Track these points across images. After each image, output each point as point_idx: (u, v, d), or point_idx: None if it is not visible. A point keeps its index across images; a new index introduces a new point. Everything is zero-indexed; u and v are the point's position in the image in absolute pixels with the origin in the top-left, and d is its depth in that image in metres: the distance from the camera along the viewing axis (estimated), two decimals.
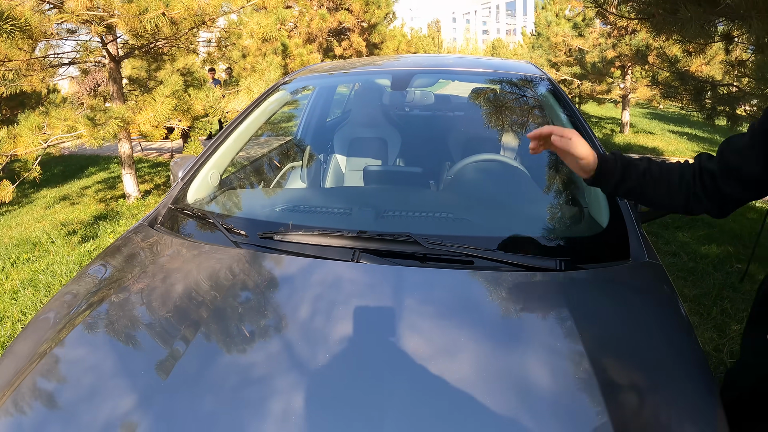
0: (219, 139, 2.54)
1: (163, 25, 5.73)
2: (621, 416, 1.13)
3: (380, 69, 3.10)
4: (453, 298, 1.51)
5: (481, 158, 2.51)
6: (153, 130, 6.72)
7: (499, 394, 1.17)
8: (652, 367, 1.29)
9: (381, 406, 1.14)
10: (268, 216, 2.12)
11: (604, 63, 15.54)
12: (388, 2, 13.87)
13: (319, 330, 1.37)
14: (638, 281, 1.64)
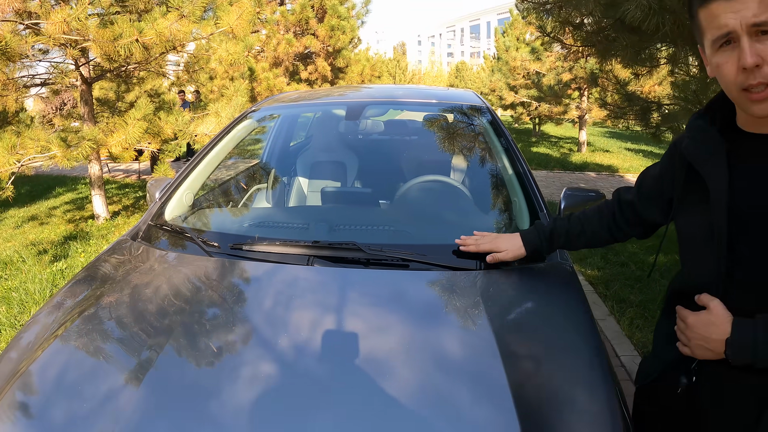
0: (192, 163, 2.83)
1: (135, 50, 5.95)
2: (519, 380, 1.40)
3: (337, 100, 3.42)
4: (389, 293, 1.83)
5: (423, 179, 2.85)
6: (123, 152, 6.90)
7: (422, 363, 1.46)
8: (550, 346, 1.59)
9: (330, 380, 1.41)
10: (237, 230, 2.44)
11: (560, 85, 16.13)
12: (353, 27, 14.16)
13: (278, 319, 1.67)
14: (548, 279, 1.96)
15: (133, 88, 9.48)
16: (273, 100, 3.47)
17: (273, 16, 13.45)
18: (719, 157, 1.38)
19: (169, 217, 2.49)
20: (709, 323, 1.37)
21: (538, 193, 2.45)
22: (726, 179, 1.36)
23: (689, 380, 1.47)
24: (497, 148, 2.80)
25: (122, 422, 1.29)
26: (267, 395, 1.36)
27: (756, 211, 1.32)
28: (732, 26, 1.20)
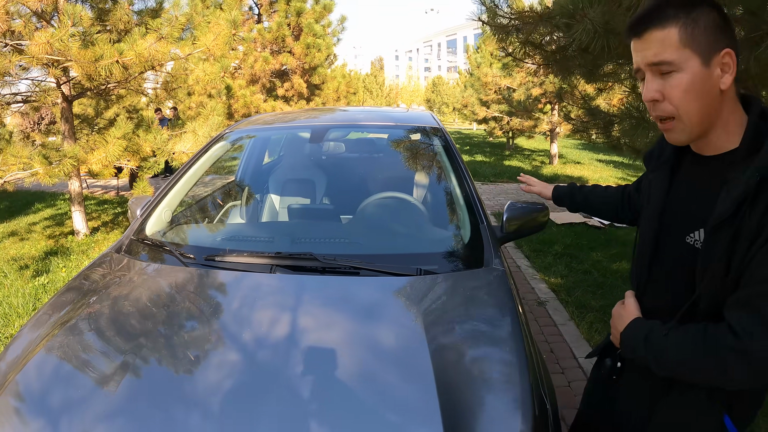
0: (171, 182, 3.11)
1: (115, 70, 6.16)
2: (442, 365, 1.66)
3: (303, 124, 3.74)
4: (339, 296, 2.13)
5: (378, 196, 3.16)
6: (103, 169, 7.08)
7: (360, 353, 1.76)
8: (474, 337, 1.88)
9: (286, 375, 1.66)
10: (211, 243, 2.77)
11: (530, 100, 16.51)
12: (328, 45, 14.37)
13: (243, 319, 1.95)
14: (480, 281, 2.24)
15: (112, 105, 9.65)
16: (245, 123, 3.76)
17: (250, 34, 13.64)
18: (664, 170, 1.56)
19: (149, 232, 2.76)
20: (619, 316, 1.56)
21: (480, 207, 2.75)
22: (664, 190, 1.53)
23: (613, 364, 1.68)
24: (446, 166, 3.12)
25: (105, 425, 1.49)
26: (229, 382, 1.61)
27: (676, 219, 1.49)
28: (638, 64, 1.36)
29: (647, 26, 1.31)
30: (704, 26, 1.27)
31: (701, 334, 1.30)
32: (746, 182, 1.24)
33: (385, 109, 4.56)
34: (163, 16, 7.69)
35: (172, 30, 6.69)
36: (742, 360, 1.22)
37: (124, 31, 7.53)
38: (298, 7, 13.60)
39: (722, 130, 1.36)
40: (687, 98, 1.30)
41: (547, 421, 1.62)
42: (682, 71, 1.29)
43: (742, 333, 1.21)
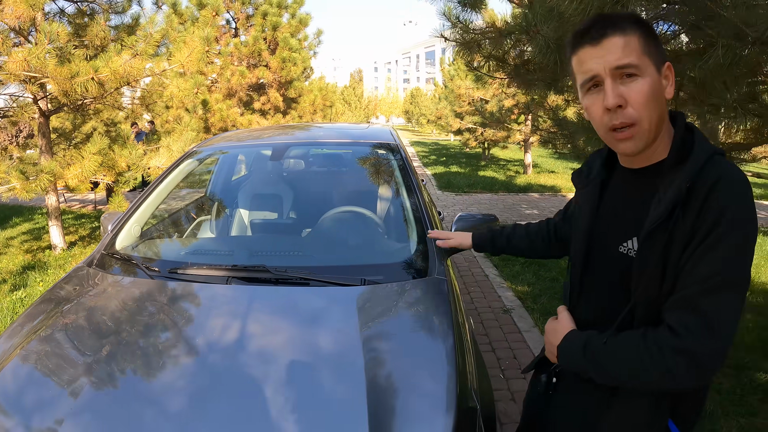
0: (140, 199, 3.30)
1: (91, 87, 6.30)
2: (374, 367, 1.82)
3: (266, 141, 3.92)
4: (287, 304, 2.31)
5: (334, 211, 3.37)
6: (80, 184, 7.19)
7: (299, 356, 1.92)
8: (407, 343, 2.03)
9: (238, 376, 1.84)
10: (174, 257, 2.96)
11: (502, 111, 16.79)
12: (304, 59, 14.52)
13: (197, 327, 2.13)
14: (420, 290, 2.41)
15: (89, 120, 9.76)
16: (211, 141, 3.95)
17: (227, 48, 13.76)
18: (594, 186, 1.59)
19: (119, 247, 2.95)
20: (555, 331, 1.57)
21: (428, 219, 2.94)
22: (594, 207, 1.57)
23: (549, 379, 1.70)
24: (399, 180, 3.33)
25: (70, 426, 1.65)
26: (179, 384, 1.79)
27: (608, 231, 1.52)
28: (596, 70, 1.34)
29: (606, 32, 1.33)
30: (654, 38, 1.35)
31: (641, 338, 1.31)
32: (678, 187, 1.28)
33: (346, 126, 4.80)
34: (139, 32, 7.84)
35: (147, 47, 6.82)
36: (686, 360, 1.23)
37: (100, 47, 7.66)
38: (274, 22, 13.73)
39: (659, 141, 1.40)
40: (649, 104, 1.31)
41: (475, 423, 1.77)
42: (644, 76, 1.31)
43: (685, 333, 1.23)
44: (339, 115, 22.83)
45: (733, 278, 1.25)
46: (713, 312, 1.23)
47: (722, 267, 1.24)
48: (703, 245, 1.26)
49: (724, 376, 4.25)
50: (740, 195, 1.27)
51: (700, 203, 1.27)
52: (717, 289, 1.24)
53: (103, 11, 7.99)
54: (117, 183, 7.86)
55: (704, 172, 1.29)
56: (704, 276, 1.24)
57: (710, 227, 1.25)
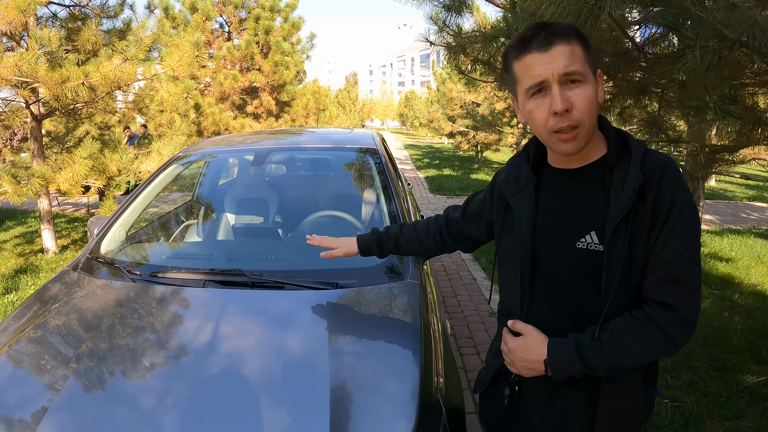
0: (125, 203, 3.35)
1: (82, 91, 6.34)
2: (339, 370, 1.86)
3: (250, 147, 3.99)
4: (263, 309, 2.35)
5: (317, 215, 3.42)
6: (71, 188, 7.22)
7: (267, 358, 1.96)
8: (374, 346, 2.07)
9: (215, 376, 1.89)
10: (156, 261, 3.00)
11: (494, 114, 16.83)
12: (297, 62, 14.56)
13: (173, 329, 2.17)
14: (396, 294, 2.45)
15: (82, 124, 9.78)
16: (197, 146, 4.00)
17: (220, 51, 13.80)
18: (528, 191, 1.61)
19: (104, 251, 3.00)
20: (527, 347, 1.56)
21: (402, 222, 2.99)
22: (532, 211, 1.59)
23: (512, 391, 1.69)
24: (378, 185, 3.39)
25: (49, 421, 1.71)
26: (151, 383, 1.85)
27: (557, 231, 1.54)
28: (544, 76, 1.39)
29: (554, 40, 1.38)
30: (590, 49, 1.44)
31: (636, 322, 1.42)
32: (636, 179, 1.38)
33: (330, 131, 4.84)
34: (130, 37, 7.87)
35: (138, 51, 6.87)
36: (685, 326, 1.41)
37: (92, 51, 7.69)
38: (267, 26, 13.78)
39: (593, 141, 1.48)
40: (590, 108, 1.39)
41: (438, 425, 1.79)
42: (587, 83, 1.39)
43: (678, 304, 1.39)
44: (333, 119, 22.86)
45: (696, 248, 1.42)
46: (691, 280, 1.41)
47: (688, 241, 1.40)
48: (666, 227, 1.40)
49: (710, 378, 4.28)
50: (680, 177, 1.44)
51: (655, 190, 1.40)
52: (689, 261, 1.40)
53: (95, 15, 8.02)
54: (108, 187, 7.88)
55: (647, 163, 1.43)
56: (676, 253, 1.39)
57: (669, 210, 1.39)
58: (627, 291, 1.45)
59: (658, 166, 1.42)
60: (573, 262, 1.51)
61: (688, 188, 1.43)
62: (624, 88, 4.56)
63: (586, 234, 1.48)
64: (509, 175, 1.68)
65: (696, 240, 1.42)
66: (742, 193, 16.90)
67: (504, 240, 1.72)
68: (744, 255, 8.42)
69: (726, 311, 5.87)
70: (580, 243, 1.48)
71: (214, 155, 4.03)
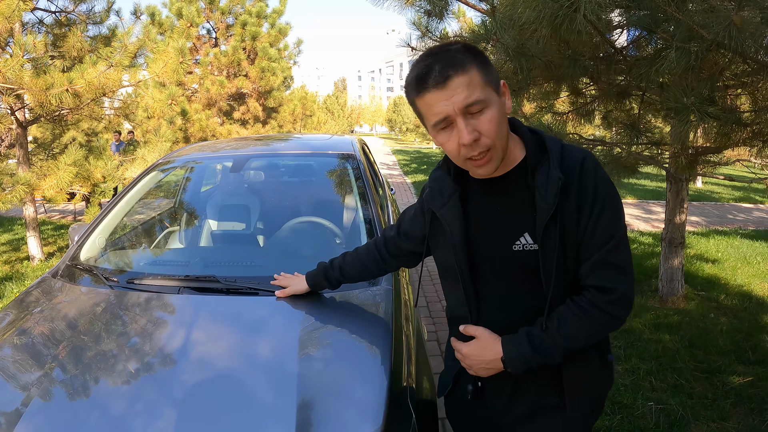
0: (106, 210, 3.36)
1: (66, 98, 6.32)
2: (307, 375, 1.86)
3: (229, 154, 3.98)
4: (236, 314, 2.35)
5: (294, 221, 3.42)
6: (56, 195, 7.20)
7: (238, 362, 1.97)
8: (344, 351, 2.07)
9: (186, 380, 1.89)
10: (133, 268, 3.02)
11: None
12: (284, 68, 14.58)
13: (147, 335, 2.17)
14: (368, 299, 2.45)
15: (68, 130, 9.75)
16: (179, 152, 4.00)
17: (207, 57, 13.80)
18: (454, 203, 1.63)
19: (83, 258, 3.01)
20: (482, 349, 1.62)
21: (378, 229, 3.00)
22: (461, 221, 1.61)
23: (475, 386, 1.74)
24: (354, 191, 3.40)
25: (24, 425, 1.72)
26: (123, 389, 1.85)
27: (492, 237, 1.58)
28: (446, 112, 1.38)
29: (449, 74, 1.36)
30: (487, 64, 1.41)
31: (579, 309, 1.52)
32: (557, 178, 1.44)
33: (310, 137, 4.83)
34: (114, 43, 7.86)
35: (123, 58, 6.86)
36: (622, 304, 1.51)
37: (77, 58, 7.67)
38: (254, 32, 13.80)
39: (508, 150, 1.50)
40: (498, 129, 1.40)
41: (408, 430, 1.79)
42: (490, 106, 1.39)
43: (613, 286, 1.49)
44: (321, 125, 22.89)
45: (622, 231, 1.51)
46: (621, 260, 1.50)
47: (614, 227, 1.49)
48: (593, 216, 1.47)
49: (695, 380, 4.29)
50: (597, 166, 1.50)
51: (577, 183, 1.47)
52: (617, 244, 1.49)
53: (81, 21, 8.01)
54: (93, 194, 7.86)
55: (566, 161, 1.50)
56: (604, 239, 1.48)
57: (592, 201, 1.47)
58: (566, 281, 1.54)
59: (575, 162, 1.48)
60: (512, 264, 1.56)
61: (606, 175, 1.51)
62: (606, 92, 4.59)
63: (520, 236, 1.53)
64: (433, 190, 1.71)
65: (620, 223, 1.50)
66: (728, 194, 17.00)
67: (439, 252, 1.75)
68: (730, 256, 8.46)
69: (712, 312, 5.89)
70: (516, 246, 1.53)
71: (195, 161, 4.04)
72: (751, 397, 4.07)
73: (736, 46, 2.51)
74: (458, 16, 6.29)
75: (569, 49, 3.74)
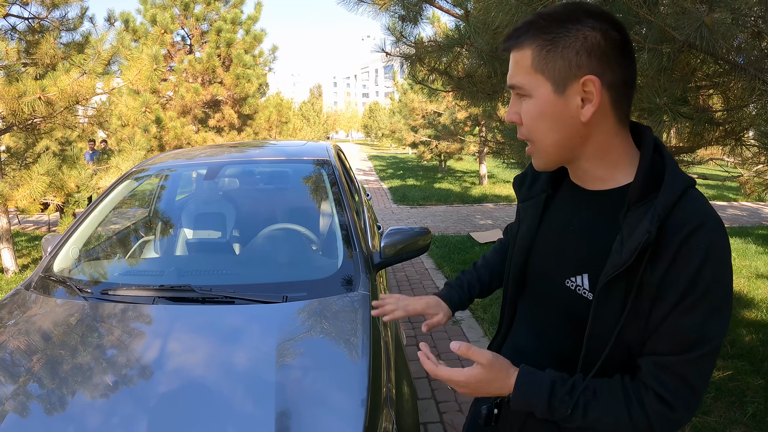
0: (79, 220, 3.32)
1: (39, 106, 6.26)
2: (285, 383, 1.87)
3: (203, 161, 3.95)
4: (212, 324, 2.33)
5: (268, 229, 3.40)
6: (30, 205, 7.10)
7: (216, 372, 1.96)
8: (322, 358, 2.06)
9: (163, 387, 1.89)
10: (107, 278, 2.98)
11: (456, 124, 16.99)
12: (259, 75, 14.53)
13: (122, 347, 2.15)
14: (345, 306, 2.45)
15: (41, 139, 9.64)
16: (153, 161, 3.97)
17: (181, 65, 13.72)
18: (537, 203, 1.43)
19: (57, 269, 2.97)
20: (489, 382, 1.28)
21: (355, 235, 3.01)
22: (535, 224, 1.42)
23: (490, 411, 1.47)
24: (330, 197, 3.39)
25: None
26: (99, 403, 1.84)
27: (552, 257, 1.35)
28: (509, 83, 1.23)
29: (508, 46, 1.22)
30: (563, 49, 1.14)
31: (621, 394, 1.19)
32: (647, 230, 1.09)
33: (284, 143, 4.81)
34: (88, 50, 7.78)
35: (96, 65, 6.80)
36: (672, 427, 1.16)
37: (51, 65, 7.59)
38: (228, 38, 13.74)
39: (599, 162, 1.24)
40: (538, 125, 1.20)
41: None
42: (534, 96, 1.18)
43: (676, 403, 1.13)
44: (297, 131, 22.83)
45: (715, 342, 1.12)
46: (697, 379, 1.14)
47: (705, 333, 1.11)
48: (681, 306, 1.10)
49: None
50: (720, 246, 1.11)
51: (674, 252, 1.10)
52: (702, 357, 1.12)
53: (54, 28, 7.92)
54: (67, 204, 7.77)
55: (678, 212, 1.12)
56: (687, 342, 1.12)
57: (688, 286, 1.09)
58: (614, 356, 1.21)
59: (687, 223, 1.10)
60: (557, 299, 1.33)
61: (726, 265, 1.12)
62: None
63: (578, 275, 1.26)
64: (527, 175, 1.51)
65: (716, 332, 1.11)
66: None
67: (511, 246, 1.54)
68: None
69: None
70: (569, 282, 1.28)
71: (169, 169, 4.00)
72: (732, 390, 4.13)
73: (708, 47, 2.54)
74: (432, 21, 6.31)
75: None
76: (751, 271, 7.67)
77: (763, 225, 11.70)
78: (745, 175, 6.35)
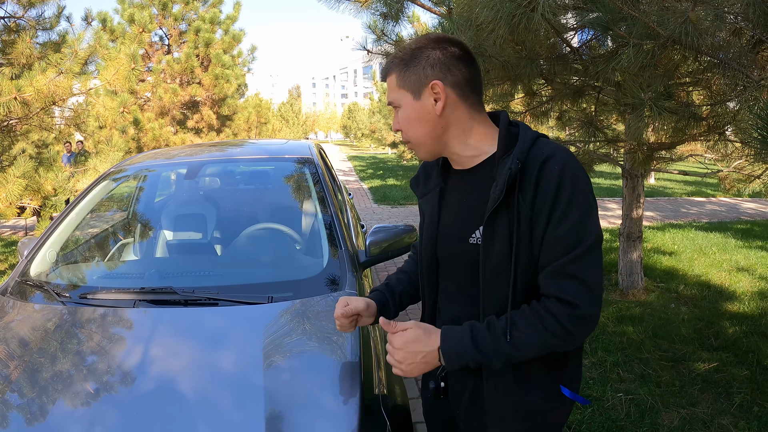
0: (55, 223, 3.25)
1: (14, 107, 6.13)
2: (274, 385, 1.83)
3: (183, 161, 3.87)
4: (195, 327, 2.28)
5: (251, 228, 3.34)
6: (6, 209, 6.97)
7: (201, 376, 1.91)
8: (310, 360, 2.03)
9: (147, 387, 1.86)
10: (86, 282, 2.91)
11: None
12: (238, 75, 14.44)
13: (103, 352, 2.10)
14: (325, 307, 2.40)
15: (17, 142, 9.46)
16: (131, 161, 3.89)
17: (159, 65, 13.59)
18: (433, 195, 1.69)
19: (33, 273, 2.89)
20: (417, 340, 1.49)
21: (341, 233, 2.97)
22: (436, 211, 1.66)
23: (437, 385, 1.68)
24: (313, 195, 3.35)
25: None
26: (81, 410, 1.79)
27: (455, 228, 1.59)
28: (387, 102, 1.63)
29: (383, 76, 1.60)
30: (414, 67, 1.50)
31: (532, 314, 1.40)
32: (509, 168, 1.39)
33: (266, 142, 4.74)
34: (64, 50, 7.66)
35: (73, 65, 6.68)
36: (582, 324, 1.37)
37: (27, 65, 7.46)
38: (207, 38, 13.65)
39: (465, 145, 1.55)
40: (410, 126, 1.54)
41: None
42: (403, 107, 1.55)
43: (576, 300, 1.34)
44: (276, 132, 22.72)
45: (590, 241, 1.38)
46: (588, 275, 1.37)
47: (580, 233, 1.37)
48: (554, 218, 1.38)
49: (662, 369, 4.39)
50: (571, 163, 1.41)
51: (535, 179, 1.39)
52: (584, 255, 1.37)
53: (30, 27, 7.79)
54: (44, 207, 7.65)
55: (533, 152, 1.43)
56: (567, 247, 1.37)
57: (554, 200, 1.37)
58: (518, 285, 1.45)
59: (540, 156, 1.42)
60: (465, 257, 1.55)
61: (579, 176, 1.41)
62: (561, 92, 4.64)
63: (476, 229, 1.52)
64: (419, 176, 1.81)
65: (587, 231, 1.38)
66: (681, 189, 17.48)
67: (419, 238, 1.78)
68: (686, 248, 8.71)
69: (672, 302, 6.06)
70: (471, 238, 1.53)
71: (148, 170, 3.93)
72: (718, 381, 4.18)
73: (691, 43, 2.55)
74: (412, 21, 6.29)
75: (525, 50, 3.76)
76: (731, 264, 7.76)
77: (742, 219, 11.88)
78: (725, 170, 6.43)
